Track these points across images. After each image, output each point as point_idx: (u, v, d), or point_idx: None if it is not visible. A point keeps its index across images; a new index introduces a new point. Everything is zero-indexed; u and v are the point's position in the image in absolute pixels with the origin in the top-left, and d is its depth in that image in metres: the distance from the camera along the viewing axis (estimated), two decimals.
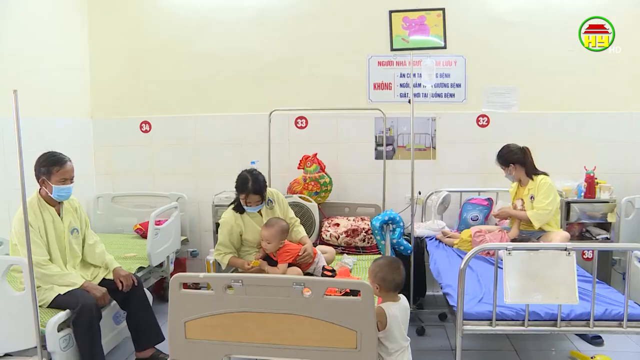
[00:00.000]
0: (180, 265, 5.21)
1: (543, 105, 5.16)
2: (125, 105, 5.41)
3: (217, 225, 4.66)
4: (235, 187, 3.86)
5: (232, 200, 4.04)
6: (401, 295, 2.85)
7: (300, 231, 4.14)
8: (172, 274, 4.47)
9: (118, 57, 5.37)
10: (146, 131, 5.40)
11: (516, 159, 4.44)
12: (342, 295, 3.02)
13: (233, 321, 2.54)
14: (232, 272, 3.94)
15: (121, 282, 3.53)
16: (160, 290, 4.91)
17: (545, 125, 5.16)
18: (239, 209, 3.92)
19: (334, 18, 5.18)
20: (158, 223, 4.53)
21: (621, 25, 5.04)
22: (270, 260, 3.83)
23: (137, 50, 5.34)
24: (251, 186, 3.77)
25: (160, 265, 4.67)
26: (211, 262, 4.93)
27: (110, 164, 5.46)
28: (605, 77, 5.12)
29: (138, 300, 3.61)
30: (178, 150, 5.40)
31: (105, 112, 5.43)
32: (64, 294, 3.24)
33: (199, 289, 3.47)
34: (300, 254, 3.83)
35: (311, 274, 3.87)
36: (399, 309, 2.77)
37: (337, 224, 4.77)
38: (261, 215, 3.97)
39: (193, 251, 5.38)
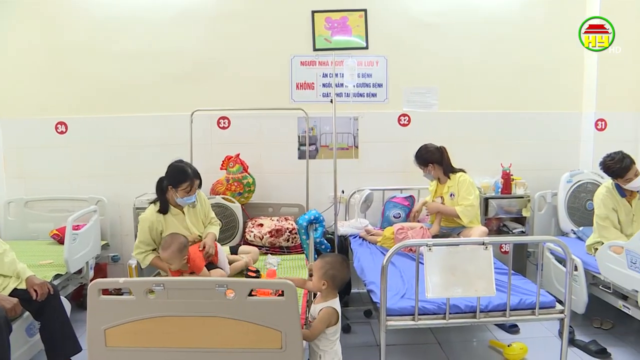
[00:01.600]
0: (101, 270, 5.05)
1: (462, 105, 5.34)
2: (38, 105, 5.17)
3: None
4: (172, 181, 3.79)
5: (153, 200, 3.95)
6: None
7: (209, 230, 4.10)
8: (92, 280, 4.31)
9: (30, 55, 5.12)
10: (62, 132, 5.18)
11: (434, 159, 4.55)
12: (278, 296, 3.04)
13: (155, 326, 2.50)
14: (155, 275, 3.87)
15: (35, 291, 3.35)
16: (80, 298, 4.74)
17: (464, 124, 5.34)
18: (163, 209, 3.84)
19: (257, 18, 5.15)
20: (76, 228, 4.38)
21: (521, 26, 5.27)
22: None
23: (51, 49, 5.11)
24: (192, 171, 3.78)
25: (80, 271, 4.49)
26: (133, 266, 4.79)
27: (22, 166, 5.20)
28: (520, 78, 5.37)
29: (53, 310, 3.43)
30: (97, 152, 5.20)
31: (16, 112, 5.16)
32: None
33: (122, 294, 3.37)
34: (200, 249, 3.78)
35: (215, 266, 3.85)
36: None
37: (261, 225, 4.74)
38: (184, 214, 3.94)
39: (114, 256, 5.22)
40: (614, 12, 5.12)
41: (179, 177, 3.78)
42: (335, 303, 2.83)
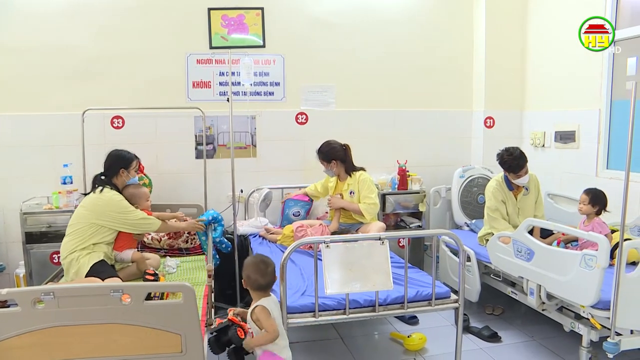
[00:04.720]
0: None
1: (359, 103, 5.45)
2: None
3: (28, 234, 4.43)
4: (123, 164, 3.90)
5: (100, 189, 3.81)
6: (271, 293, 2.95)
7: None
8: None
9: None
10: None
11: (338, 156, 4.62)
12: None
13: (46, 338, 2.38)
14: (47, 282, 3.65)
15: None
16: None
17: (361, 122, 5.45)
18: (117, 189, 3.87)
19: (152, 14, 5.00)
20: None
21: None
22: None
23: None
24: (134, 153, 4.02)
25: None
26: (21, 275, 4.54)
27: None
28: (415, 78, 5.57)
29: None
30: None
31: None
32: None
33: (8, 307, 3.18)
34: None
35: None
36: (273, 301, 2.90)
37: None
38: None
39: None
40: (498, 18, 5.44)
41: (126, 159, 3.95)
42: (265, 301, 2.84)
